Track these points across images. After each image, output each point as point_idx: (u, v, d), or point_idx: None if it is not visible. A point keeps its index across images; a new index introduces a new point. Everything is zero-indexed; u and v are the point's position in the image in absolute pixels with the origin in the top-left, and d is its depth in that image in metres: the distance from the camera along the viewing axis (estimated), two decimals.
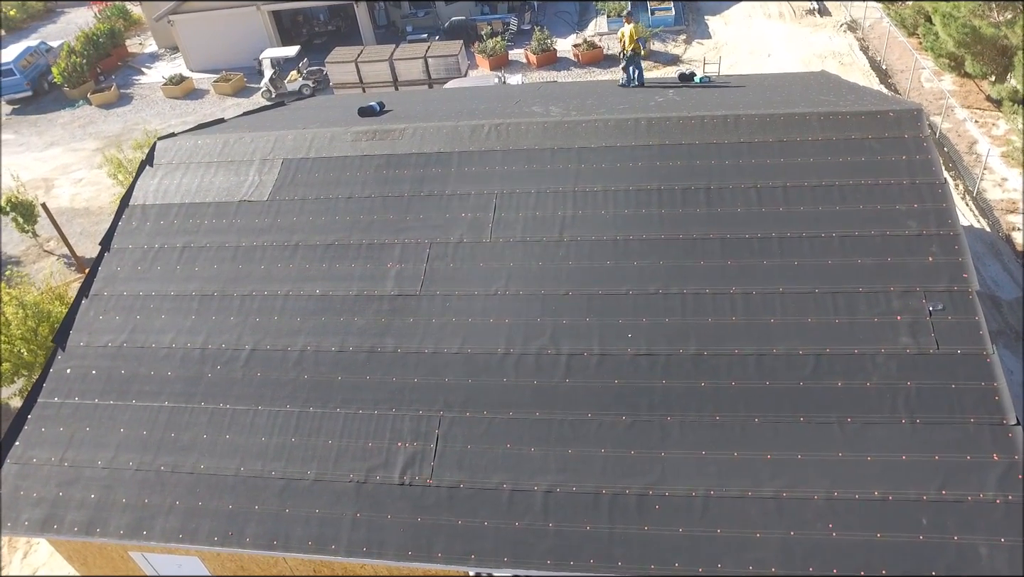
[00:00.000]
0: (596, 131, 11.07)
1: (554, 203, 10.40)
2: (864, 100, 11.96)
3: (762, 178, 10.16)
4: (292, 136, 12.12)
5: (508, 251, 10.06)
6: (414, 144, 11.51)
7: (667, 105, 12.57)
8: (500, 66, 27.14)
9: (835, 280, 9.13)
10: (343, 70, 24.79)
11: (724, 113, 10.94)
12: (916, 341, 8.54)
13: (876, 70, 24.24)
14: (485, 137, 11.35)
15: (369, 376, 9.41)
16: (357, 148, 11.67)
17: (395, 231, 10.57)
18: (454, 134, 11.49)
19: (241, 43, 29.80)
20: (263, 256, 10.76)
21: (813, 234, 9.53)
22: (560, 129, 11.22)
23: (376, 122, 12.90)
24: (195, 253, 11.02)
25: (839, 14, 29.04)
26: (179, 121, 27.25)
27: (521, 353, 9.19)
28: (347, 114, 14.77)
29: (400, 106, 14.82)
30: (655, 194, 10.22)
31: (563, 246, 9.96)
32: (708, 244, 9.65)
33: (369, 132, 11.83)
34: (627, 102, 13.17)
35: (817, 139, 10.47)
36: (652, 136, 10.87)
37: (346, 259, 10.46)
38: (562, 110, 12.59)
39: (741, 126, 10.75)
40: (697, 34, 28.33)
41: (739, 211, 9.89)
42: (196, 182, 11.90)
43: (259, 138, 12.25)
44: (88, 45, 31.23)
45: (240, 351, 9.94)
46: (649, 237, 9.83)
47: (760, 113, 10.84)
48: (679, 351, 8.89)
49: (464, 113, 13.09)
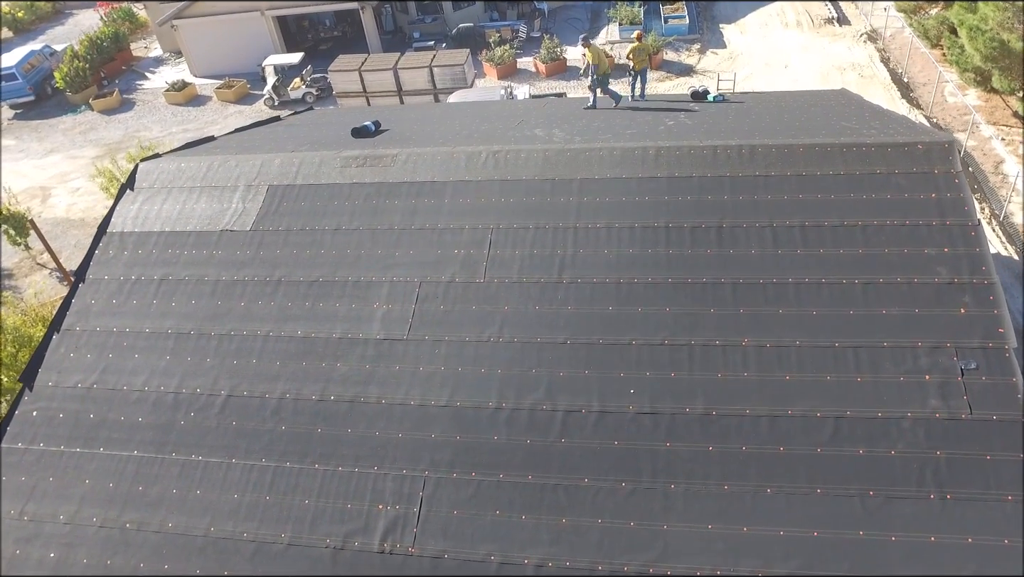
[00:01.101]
0: (600, 161, 10.34)
1: (553, 240, 9.69)
2: (889, 127, 11.16)
3: (779, 216, 9.40)
4: (279, 160, 11.47)
5: (503, 293, 9.36)
6: (406, 172, 10.83)
7: (678, 130, 11.82)
8: (508, 75, 26.47)
9: (857, 333, 8.36)
10: (346, 79, 24.18)
11: (738, 143, 10.18)
12: (946, 405, 7.77)
13: (897, 83, 23.35)
14: (482, 166, 10.65)
15: (351, 429, 8.74)
16: (346, 175, 11.00)
17: (383, 268, 9.89)
18: (449, 162, 10.80)
19: (245, 48, 29.28)
20: (244, 292, 10.11)
21: (833, 280, 8.77)
22: (561, 158, 10.49)
23: (369, 144, 12.24)
24: (173, 286, 10.38)
25: (858, 23, 28.13)
26: (180, 129, 26.77)
27: (514, 408, 8.48)
28: (341, 132, 14.12)
29: (397, 124, 14.15)
30: (662, 232, 9.48)
31: (562, 289, 9.25)
32: (719, 290, 8.91)
33: (360, 157, 11.16)
34: (635, 125, 12.43)
35: (839, 173, 9.69)
36: (660, 167, 10.13)
37: (331, 297, 9.80)
38: (566, 134, 11.87)
39: (757, 158, 9.98)
40: (711, 43, 27.52)
41: (753, 253, 9.14)
42: (178, 208, 11.27)
43: (244, 162, 11.61)
44: (92, 49, 30.82)
45: (215, 397, 9.30)
46: (655, 281, 9.09)
47: (777, 143, 10.07)
48: (685, 410, 8.16)
49: (462, 136, 12.40)
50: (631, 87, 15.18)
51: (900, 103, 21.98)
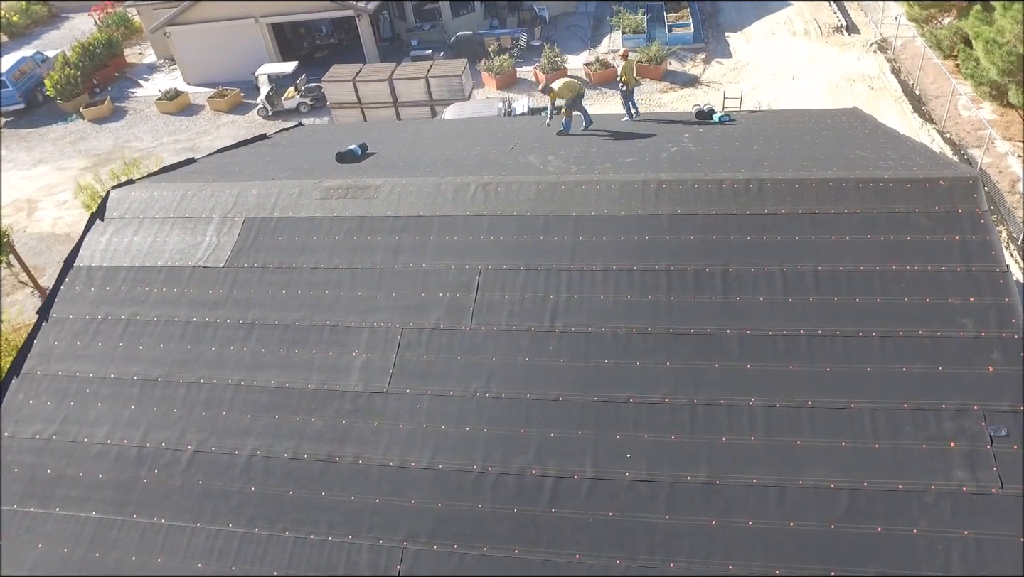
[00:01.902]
0: (597, 196, 9.65)
1: (546, 283, 9.00)
2: (907, 157, 10.45)
3: (789, 260, 8.69)
4: (256, 190, 10.80)
5: (491, 342, 8.67)
6: (390, 205, 10.15)
7: (681, 158, 11.11)
8: (508, 85, 25.78)
9: (874, 393, 7.66)
10: (341, 89, 23.53)
11: (746, 177, 9.48)
12: (974, 476, 7.07)
13: (909, 95, 22.60)
14: (470, 199, 9.96)
15: (324, 492, 8.07)
16: (327, 207, 10.33)
17: (364, 311, 9.21)
18: (436, 194, 10.11)
19: (240, 56, 28.64)
20: (215, 335, 9.44)
21: (849, 333, 8.07)
22: (556, 192, 9.80)
23: (353, 172, 11.56)
24: (141, 328, 9.72)
25: (868, 32, 27.36)
26: (171, 140, 26.15)
27: (500, 472, 7.80)
28: (327, 153, 13.44)
29: (385, 146, 13.48)
30: (663, 276, 8.79)
31: (554, 338, 8.56)
32: (724, 342, 8.21)
33: (341, 188, 10.48)
34: (636, 151, 11.72)
35: (855, 212, 8.98)
36: (662, 203, 9.43)
37: (307, 344, 9.13)
38: (562, 161, 11.18)
39: (766, 194, 9.28)
40: (717, 53, 26.78)
41: (761, 301, 8.44)
42: (149, 241, 10.61)
43: (220, 191, 10.94)
44: (84, 56, 30.21)
45: (181, 452, 8.64)
46: (655, 331, 8.40)
47: (788, 178, 9.37)
48: (686, 478, 7.47)
49: (452, 162, 11.72)
50: (626, 108, 14.50)
51: (912, 117, 21.23)
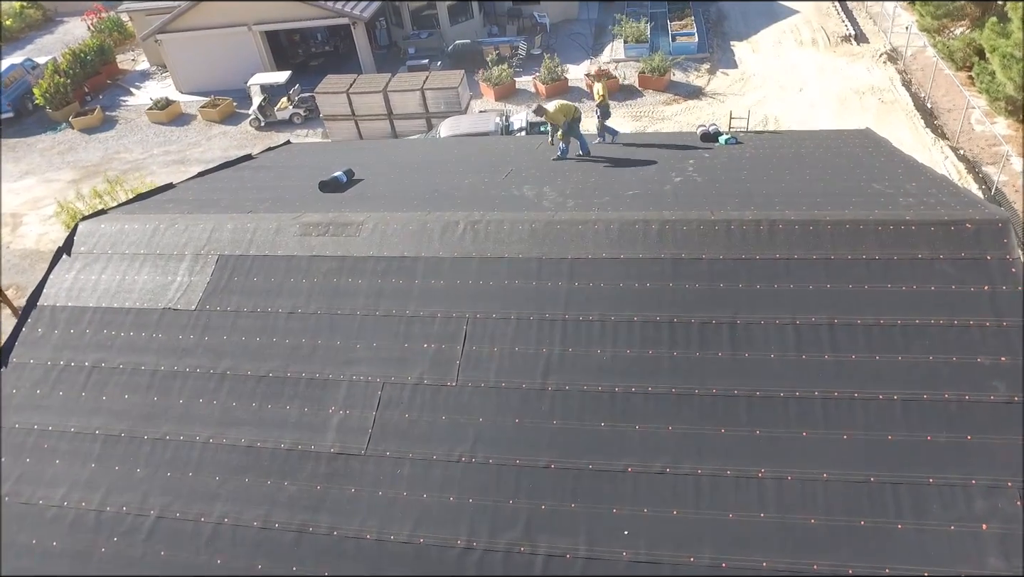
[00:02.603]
0: (595, 237, 8.96)
1: (538, 335, 8.31)
2: (928, 191, 9.76)
3: (803, 311, 8.00)
4: (232, 225, 10.13)
5: (478, 400, 7.99)
6: (373, 243, 9.47)
7: (685, 191, 10.41)
8: (506, 96, 25.11)
9: (897, 464, 6.97)
10: (334, 101, 22.87)
11: (755, 217, 8.78)
12: (1008, 563, 6.38)
13: (920, 109, 21.87)
14: (459, 238, 9.28)
15: (296, 566, 7.40)
16: (306, 245, 9.66)
17: (342, 363, 8.54)
18: (422, 232, 9.44)
19: (233, 64, 28.01)
20: (184, 386, 8.78)
21: (868, 395, 7.37)
22: (550, 232, 9.11)
23: (336, 203, 10.89)
24: (106, 376, 9.06)
25: (877, 42, 26.62)
26: (161, 151, 25.51)
27: (486, 548, 7.13)
28: (312, 177, 12.77)
29: (373, 170, 12.81)
30: (666, 329, 8.10)
31: (547, 398, 7.87)
32: (732, 404, 7.52)
33: (322, 224, 9.81)
34: (637, 181, 11.03)
35: (874, 258, 8.28)
36: (665, 246, 8.74)
37: (281, 398, 8.45)
38: (558, 194, 10.50)
39: (777, 237, 8.58)
40: (722, 63, 26.07)
41: (772, 358, 7.75)
42: (117, 279, 9.95)
43: (194, 225, 10.28)
44: (74, 63, 29.57)
45: (144, 517, 7.97)
46: (656, 391, 7.71)
47: (801, 219, 8.68)
48: (689, 560, 6.79)
49: (442, 192, 11.04)
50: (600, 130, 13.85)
51: (924, 132, 20.50)
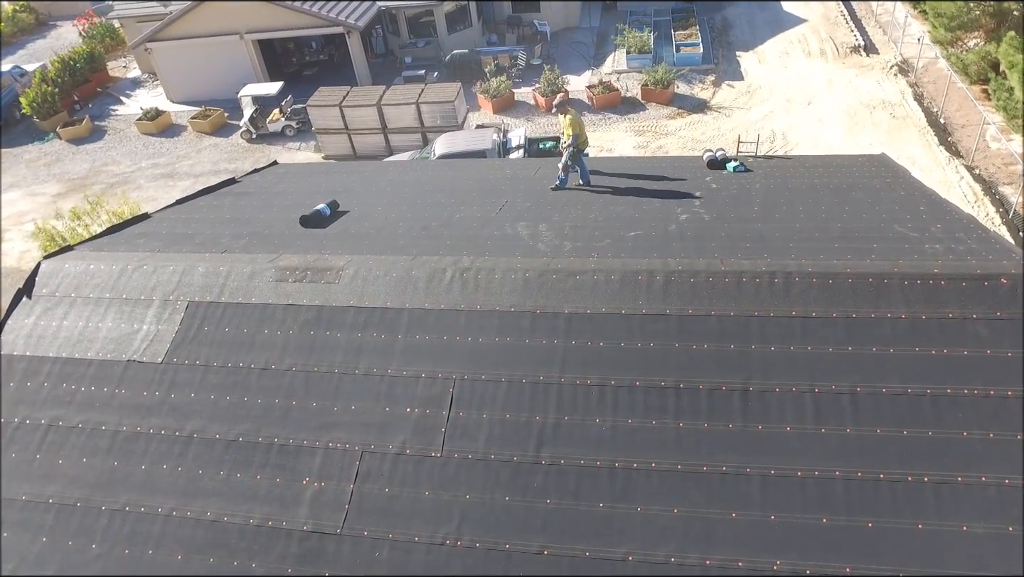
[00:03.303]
0: (594, 289, 8.23)
1: (532, 401, 7.59)
2: (955, 234, 9.04)
3: (822, 377, 7.27)
4: (203, 268, 9.42)
5: (465, 474, 7.27)
6: (353, 292, 8.75)
7: (692, 231, 9.68)
8: (505, 108, 24.37)
9: (929, 558, 6.25)
10: (326, 115, 22.16)
11: (769, 268, 8.05)
12: None
13: (933, 125, 21.11)
14: (446, 287, 8.56)
15: None
16: (281, 292, 8.94)
17: (318, 427, 7.82)
18: (406, 280, 8.71)
19: (225, 74, 27.30)
20: (147, 450, 8.07)
21: (895, 476, 6.65)
22: (546, 282, 8.38)
23: (317, 240, 10.17)
24: (63, 437, 8.35)
25: (887, 52, 25.85)
26: (150, 163, 24.81)
27: None
28: (299, 205, 12.07)
29: (359, 200, 12.09)
30: (671, 396, 7.37)
31: (540, 473, 7.15)
32: (743, 484, 6.80)
33: (299, 269, 9.10)
34: (640, 219, 10.30)
35: (900, 317, 7.55)
36: (670, 300, 8.01)
37: (251, 466, 7.74)
38: (554, 234, 9.77)
39: (793, 291, 7.85)
40: (727, 74, 25.31)
41: (788, 431, 7.02)
42: (80, 326, 9.24)
43: (163, 267, 9.57)
44: (63, 71, 28.86)
45: None
46: (660, 467, 6.99)
47: (820, 271, 7.95)
48: None
49: (431, 229, 10.32)
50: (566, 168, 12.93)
51: (938, 151, 19.75)
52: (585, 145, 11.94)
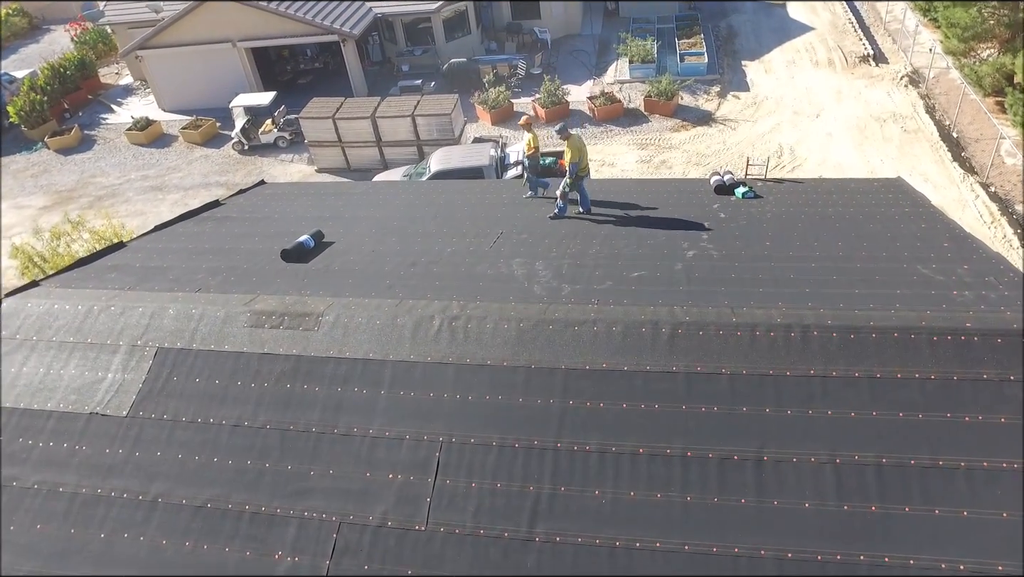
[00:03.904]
0: (594, 342, 7.57)
1: (525, 469, 6.93)
2: (984, 277, 8.38)
3: (844, 446, 6.61)
4: (175, 310, 8.77)
5: (451, 551, 6.62)
6: (334, 340, 8.09)
7: (700, 272, 9.01)
8: (504, 120, 23.71)
9: None
10: (319, 127, 21.52)
11: (785, 320, 7.39)
12: None
13: (946, 139, 20.41)
14: (434, 337, 7.90)
15: None
16: (256, 339, 8.29)
17: (293, 494, 7.17)
18: (391, 328, 8.05)
19: (218, 82, 26.67)
20: (107, 516, 7.42)
21: (926, 562, 5.98)
22: (541, 334, 7.72)
23: (298, 278, 9.51)
24: (17, 499, 7.71)
25: (897, 62, 25.15)
26: (139, 176, 24.17)
27: None
28: (283, 232, 11.44)
29: (346, 228, 11.43)
30: (678, 465, 6.71)
31: (533, 551, 6.49)
32: (758, 568, 6.13)
33: (276, 313, 8.44)
34: (642, 257, 9.64)
35: (929, 377, 6.88)
36: (676, 355, 7.34)
37: (220, 536, 7.08)
38: (552, 274, 9.11)
39: (811, 346, 7.19)
40: (733, 84, 24.62)
41: (807, 507, 6.36)
42: (41, 373, 8.59)
43: (132, 308, 8.93)
44: (53, 79, 28.23)
45: None
46: (666, 547, 6.33)
47: (841, 324, 7.28)
48: None
49: (421, 265, 9.66)
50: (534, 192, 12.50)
51: (952, 167, 19.06)
52: (585, 172, 11.27)
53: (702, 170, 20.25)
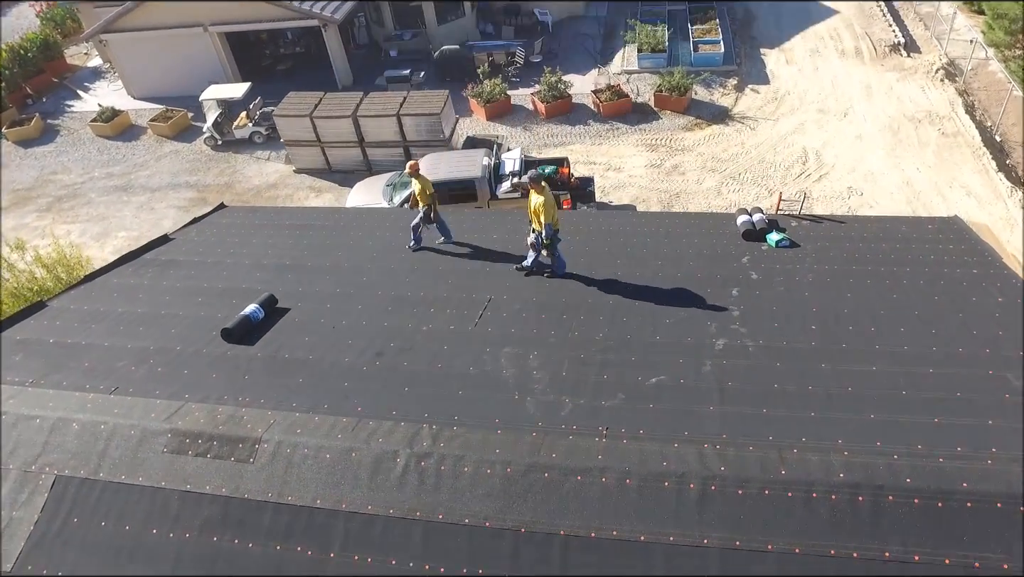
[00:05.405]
0: (602, 497, 5.87)
1: None
2: None
3: None
4: (80, 423, 7.08)
5: None
6: (273, 479, 6.40)
7: (733, 373, 7.26)
8: (500, 115, 21.69)
9: None
10: (296, 125, 19.57)
11: (852, 481, 5.67)
12: None
13: (989, 145, 18.48)
14: (397, 482, 6.21)
15: None
16: (177, 472, 6.60)
17: None
18: (344, 467, 6.36)
19: (190, 69, 24.61)
20: None
21: None
22: (535, 483, 6.02)
23: (237, 372, 7.78)
24: None
25: (930, 51, 23.02)
26: (103, 172, 22.29)
27: None
28: (238, 286, 9.70)
29: (303, 290, 9.67)
30: None
31: None
32: None
33: (203, 437, 6.74)
34: (662, 350, 7.88)
35: None
36: (708, 524, 5.65)
37: None
38: (549, 378, 7.36)
39: (886, 519, 5.49)
40: (751, 76, 22.54)
41: None
42: None
43: (27, 421, 7.23)
44: (13, 62, 26.08)
45: None
46: None
47: (924, 487, 5.57)
48: None
49: (385, 362, 7.89)
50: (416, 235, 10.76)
51: (997, 177, 17.18)
52: (556, 227, 9.47)
53: (718, 178, 18.34)
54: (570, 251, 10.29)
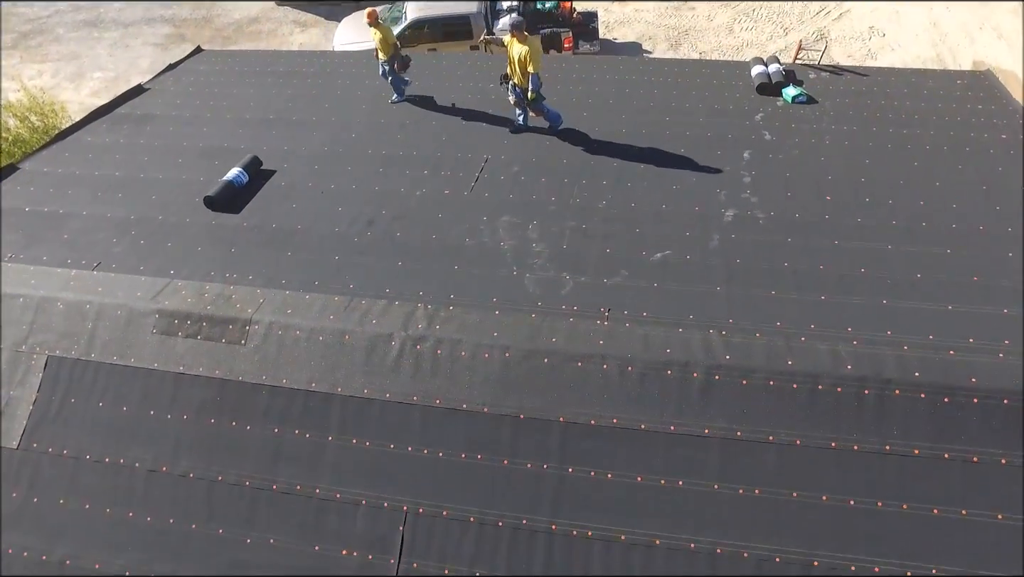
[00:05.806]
0: (602, 383, 5.79)
1: (511, 555, 5.51)
2: None
3: (923, 557, 5.12)
4: (65, 302, 6.87)
5: None
6: (266, 361, 6.30)
7: (740, 248, 6.94)
8: None
9: None
10: None
11: (858, 372, 5.54)
12: None
13: None
14: (393, 365, 6.11)
15: None
16: (169, 353, 6.48)
17: (226, 566, 5.83)
18: (338, 350, 6.23)
19: None
20: None
21: None
22: (535, 368, 5.91)
23: (224, 243, 7.45)
24: None
25: None
26: (70, 6, 20.53)
27: None
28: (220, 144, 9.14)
29: (290, 149, 9.08)
30: (704, 564, 5.29)
31: None
32: None
33: (192, 318, 6.55)
34: (667, 211, 7.49)
35: None
36: (711, 411, 5.61)
37: None
38: (549, 250, 7.05)
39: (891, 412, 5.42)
40: None
41: None
42: None
43: (12, 298, 7.01)
44: None
45: None
46: None
47: (931, 382, 5.47)
48: None
49: (378, 232, 7.52)
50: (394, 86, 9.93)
51: None
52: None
53: (731, 13, 16.85)
54: (571, 103, 9.59)
